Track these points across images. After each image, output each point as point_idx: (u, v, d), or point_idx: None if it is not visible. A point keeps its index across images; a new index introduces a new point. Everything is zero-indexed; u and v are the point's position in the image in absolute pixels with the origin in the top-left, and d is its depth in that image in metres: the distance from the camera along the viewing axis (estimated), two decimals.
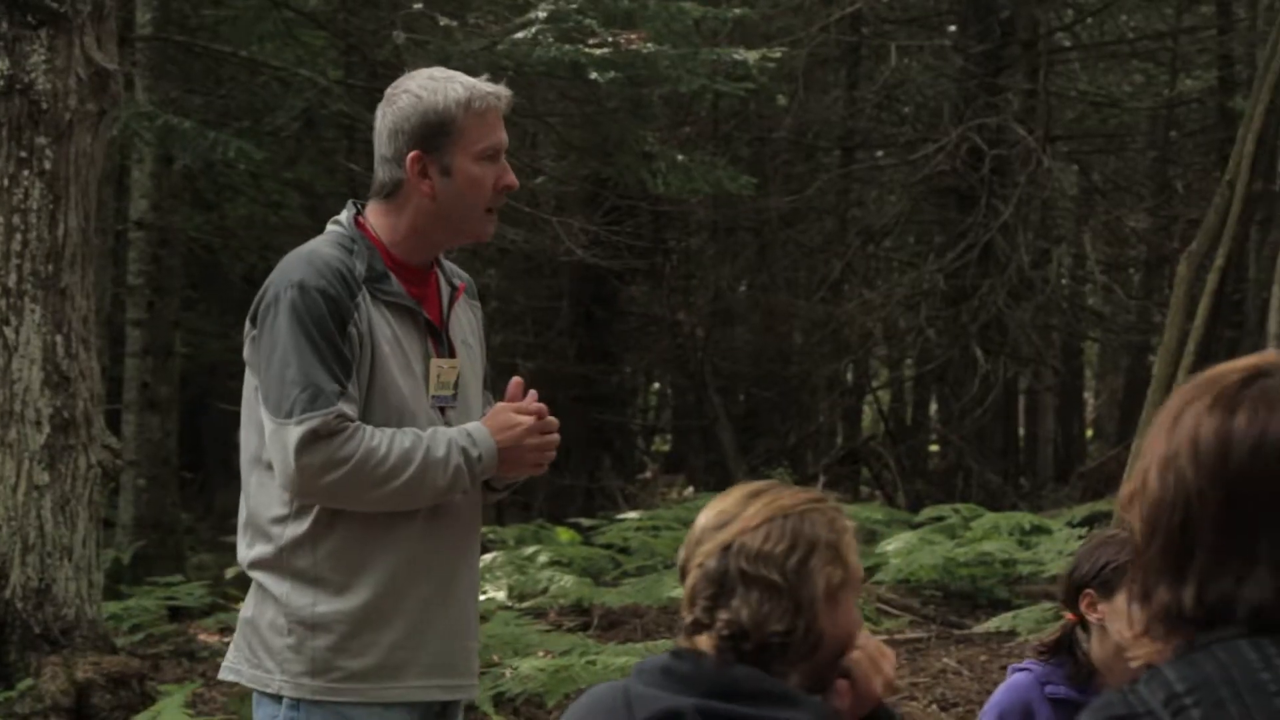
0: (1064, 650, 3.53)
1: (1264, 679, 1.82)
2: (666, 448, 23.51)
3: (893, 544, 12.11)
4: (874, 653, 2.60)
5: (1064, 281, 18.77)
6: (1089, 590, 3.45)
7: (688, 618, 2.53)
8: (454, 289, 3.61)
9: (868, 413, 22.74)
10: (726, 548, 2.51)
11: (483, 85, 3.50)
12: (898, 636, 9.98)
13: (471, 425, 3.45)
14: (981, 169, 16.39)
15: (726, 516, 2.55)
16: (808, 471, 17.86)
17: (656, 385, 24.33)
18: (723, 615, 2.49)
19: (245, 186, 15.37)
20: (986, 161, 16.32)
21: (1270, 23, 10.26)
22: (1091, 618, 3.45)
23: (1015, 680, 3.61)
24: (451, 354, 3.54)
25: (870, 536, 12.93)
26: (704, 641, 2.50)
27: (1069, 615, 3.52)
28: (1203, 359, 9.46)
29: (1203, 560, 1.89)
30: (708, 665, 2.47)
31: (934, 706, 8.49)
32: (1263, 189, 9.41)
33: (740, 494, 2.60)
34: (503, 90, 3.52)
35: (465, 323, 3.64)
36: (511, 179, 3.55)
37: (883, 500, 17.41)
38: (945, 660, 10.05)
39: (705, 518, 2.58)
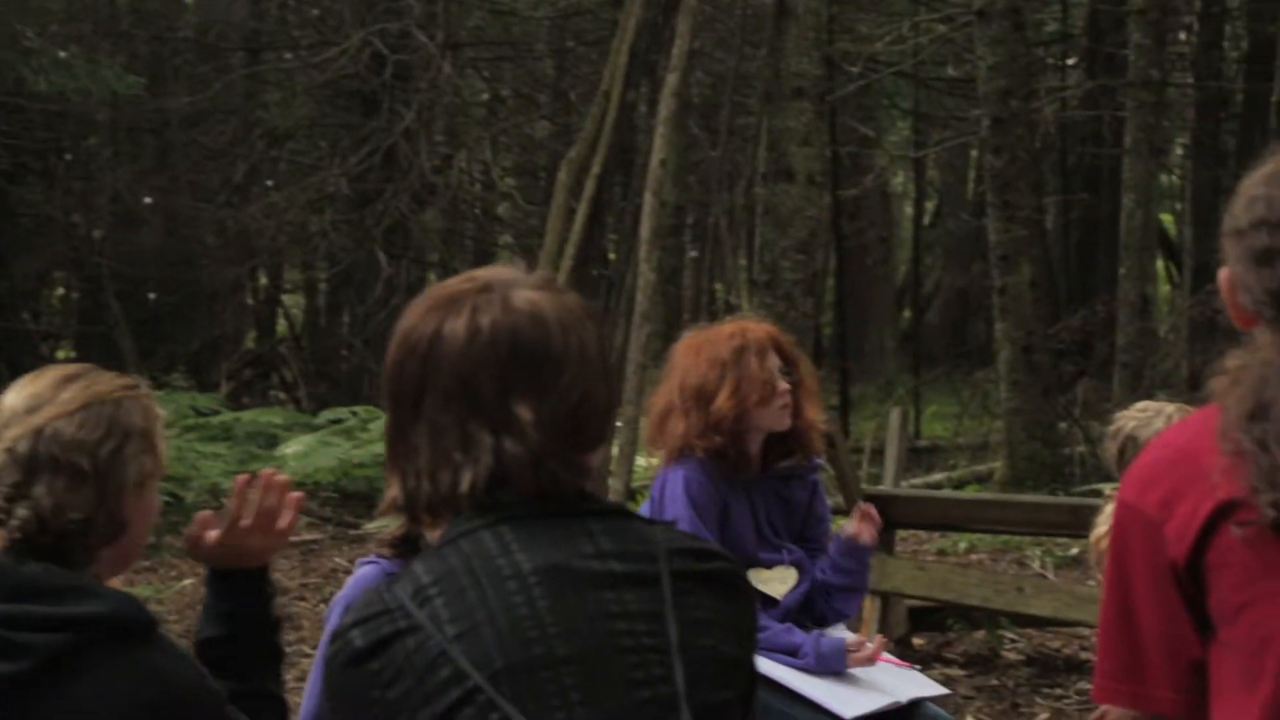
0: (407, 545, 3.68)
1: (500, 565, 1.96)
2: (72, 354, 22.72)
3: (292, 447, 12.14)
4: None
5: (475, 187, 19.10)
6: None
7: None
8: None
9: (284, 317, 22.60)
10: (38, 432, 2.47)
11: None
12: (294, 539, 10.05)
13: None
14: (384, 74, 16.48)
15: (39, 400, 2.50)
16: (212, 377, 17.64)
17: (61, 290, 23.46)
18: (21, 509, 2.46)
19: None
20: (389, 67, 16.42)
21: None
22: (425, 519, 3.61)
23: (362, 574, 3.73)
24: None
25: (271, 441, 12.93)
26: None
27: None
28: (582, 263, 9.87)
29: (428, 453, 2.03)
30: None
31: (323, 605, 8.61)
32: (635, 100, 9.84)
33: (53, 377, 2.54)
34: None
35: None
36: None
37: (290, 404, 17.40)
38: (337, 560, 10.19)
39: (14, 399, 2.51)
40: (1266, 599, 1.85)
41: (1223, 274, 1.99)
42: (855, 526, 4.52)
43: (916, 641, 8.21)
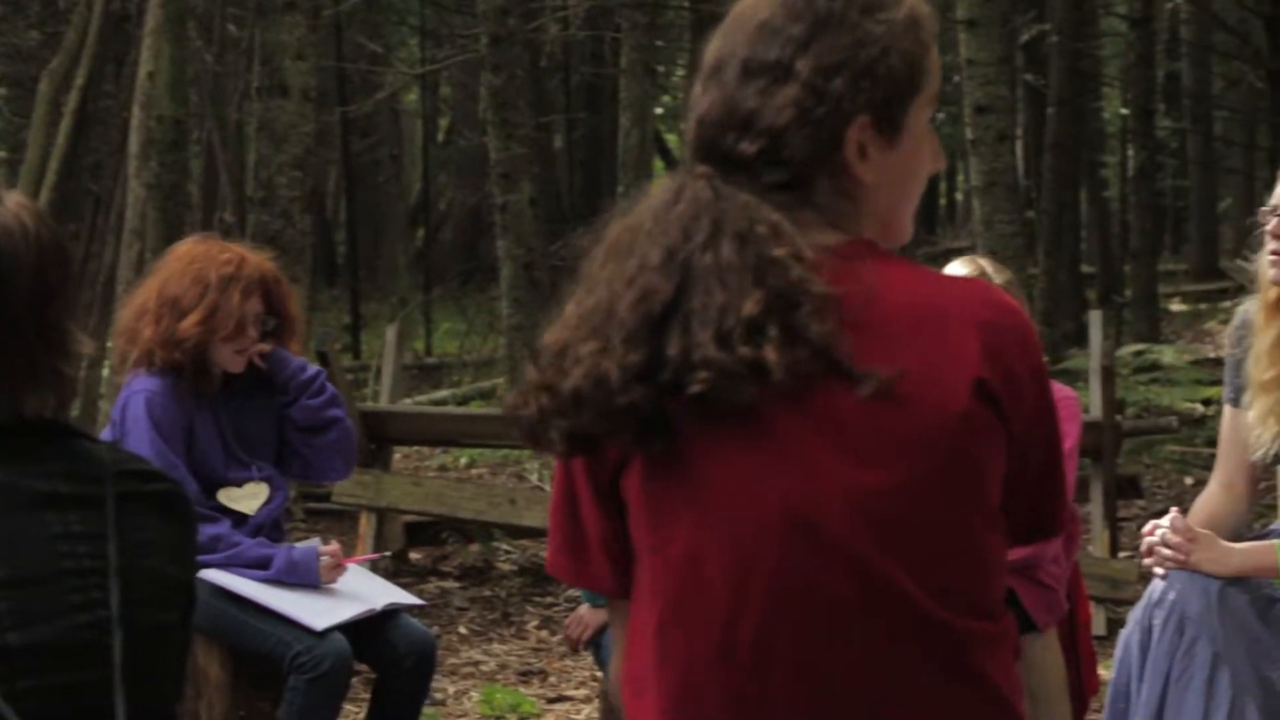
0: None
1: None
2: None
3: None
4: None
5: None
6: None
7: None
8: None
9: None
10: None
11: None
12: None
13: None
14: None
15: None
16: None
17: None
18: None
19: None
20: None
21: None
22: None
23: None
24: None
25: None
26: None
27: None
28: (67, 177, 9.51)
29: None
30: None
31: None
32: (123, 8, 9.52)
33: None
34: None
35: None
36: None
37: None
38: None
39: None
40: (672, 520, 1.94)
41: None
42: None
43: (413, 556, 8.30)
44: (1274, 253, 3.63)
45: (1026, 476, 1.97)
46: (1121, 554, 7.41)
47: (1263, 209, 3.72)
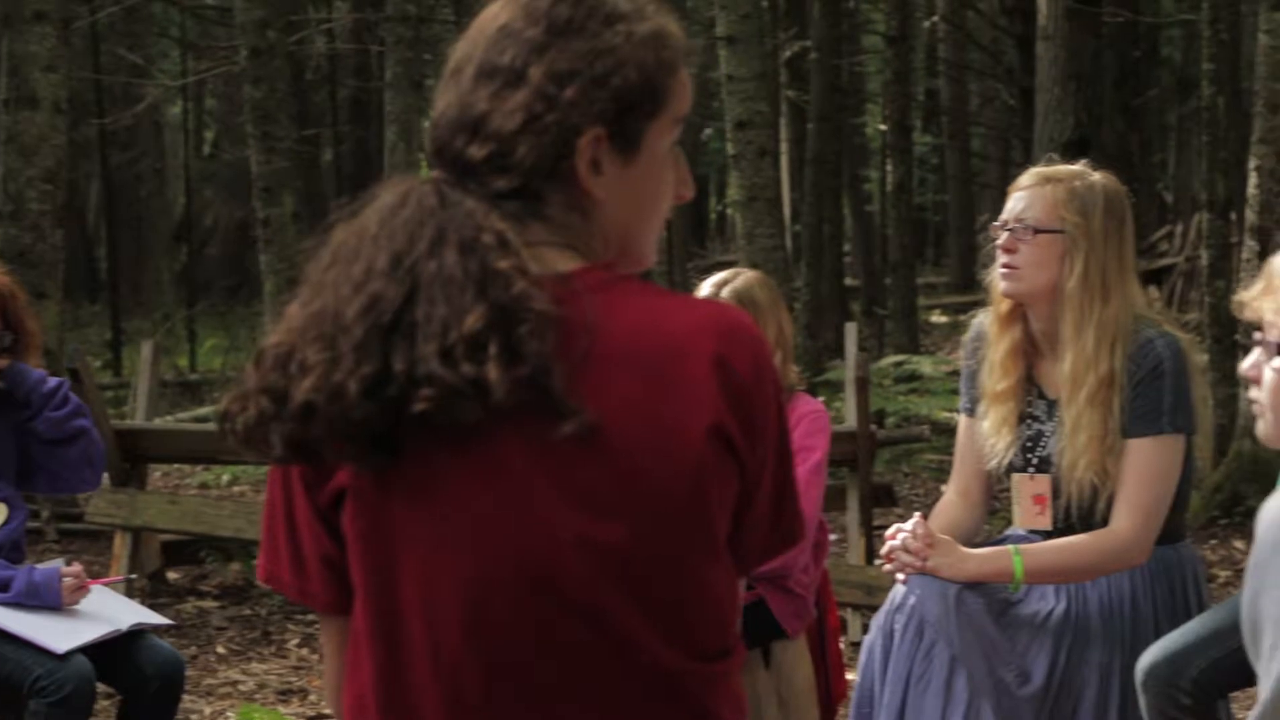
0: None
1: None
2: None
3: None
4: None
5: None
6: None
7: None
8: None
9: None
10: None
11: None
12: None
13: None
14: None
15: None
16: None
17: None
18: None
19: None
20: None
21: None
22: None
23: None
24: None
25: None
26: None
27: None
28: None
29: None
30: None
31: None
32: None
33: None
34: None
35: None
36: None
37: None
38: None
39: None
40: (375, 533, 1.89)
41: None
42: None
43: (171, 575, 8.15)
44: (1005, 265, 3.74)
45: (759, 502, 1.94)
46: (878, 561, 7.56)
47: (994, 224, 3.83)
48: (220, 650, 7.04)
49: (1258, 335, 2.35)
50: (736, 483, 1.89)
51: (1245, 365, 2.37)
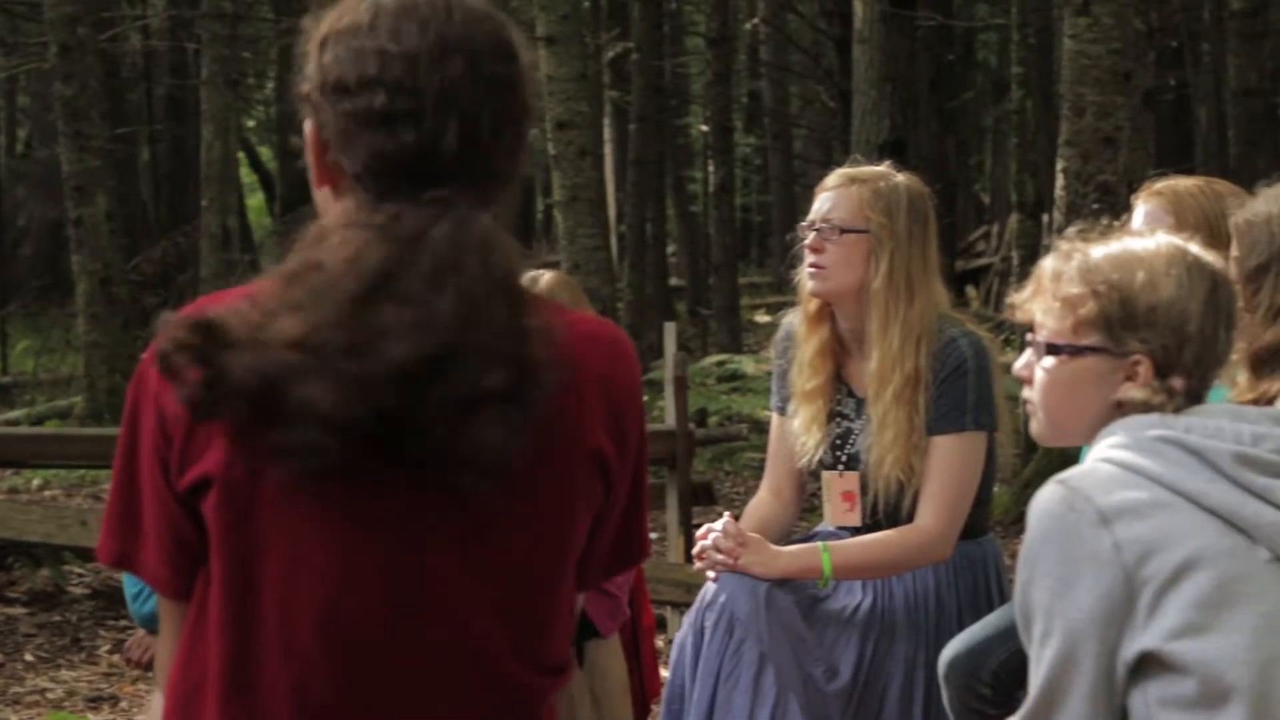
0: None
1: None
2: None
3: None
4: None
5: None
6: None
7: None
8: None
9: None
10: None
11: None
12: None
13: None
14: None
15: None
16: None
17: None
18: None
19: None
20: None
21: None
22: None
23: None
24: None
25: None
26: None
27: None
28: None
29: None
30: None
31: None
32: None
33: None
34: None
35: None
36: None
37: None
38: None
39: None
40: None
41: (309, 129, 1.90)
42: None
43: None
44: (812, 265, 3.78)
45: (611, 521, 1.95)
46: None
47: (801, 224, 3.87)
48: (28, 658, 6.89)
49: (1030, 336, 2.40)
50: (600, 502, 1.90)
51: (1018, 366, 2.43)
